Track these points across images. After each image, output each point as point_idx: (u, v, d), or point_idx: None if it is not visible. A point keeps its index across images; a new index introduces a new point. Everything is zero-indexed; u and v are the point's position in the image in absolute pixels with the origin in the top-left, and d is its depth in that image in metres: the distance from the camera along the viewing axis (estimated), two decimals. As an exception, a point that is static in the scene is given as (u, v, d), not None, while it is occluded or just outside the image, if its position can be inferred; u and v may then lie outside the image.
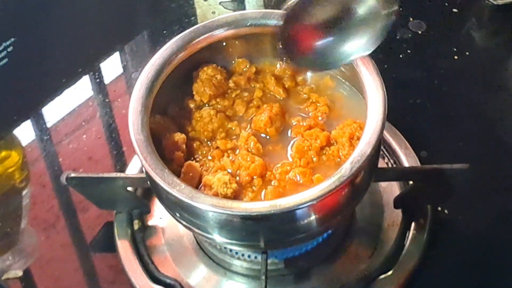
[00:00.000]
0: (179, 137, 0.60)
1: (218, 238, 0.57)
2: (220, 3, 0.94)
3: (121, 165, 0.76)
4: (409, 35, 0.87)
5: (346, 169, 0.53)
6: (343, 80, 0.64)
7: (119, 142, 0.79)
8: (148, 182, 0.60)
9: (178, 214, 0.58)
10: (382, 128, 0.55)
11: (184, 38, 0.63)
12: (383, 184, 0.71)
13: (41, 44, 0.89)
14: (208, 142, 0.62)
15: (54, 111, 0.83)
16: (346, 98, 0.64)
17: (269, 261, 0.64)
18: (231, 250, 0.66)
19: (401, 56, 0.85)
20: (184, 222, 0.59)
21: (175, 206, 0.58)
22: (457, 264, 0.66)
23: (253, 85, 0.65)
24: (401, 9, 0.92)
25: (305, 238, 0.59)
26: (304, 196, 0.52)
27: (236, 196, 0.57)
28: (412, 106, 0.80)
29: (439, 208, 0.69)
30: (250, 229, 0.55)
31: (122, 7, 0.95)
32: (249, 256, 0.65)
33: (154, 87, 0.61)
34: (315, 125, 0.61)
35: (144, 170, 0.58)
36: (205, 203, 0.53)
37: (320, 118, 0.62)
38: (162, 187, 0.54)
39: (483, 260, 0.66)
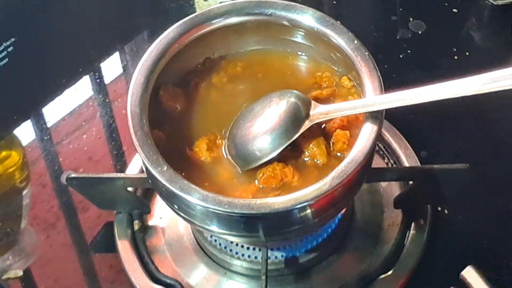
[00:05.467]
0: None
1: (216, 229, 0.57)
2: (220, 3, 0.94)
3: (121, 165, 0.76)
4: (409, 35, 0.87)
5: (340, 170, 0.52)
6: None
7: (119, 142, 0.79)
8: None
9: (176, 206, 0.58)
10: (379, 130, 0.55)
11: (195, 19, 0.63)
12: (383, 184, 0.71)
13: (41, 44, 0.89)
14: None
15: (54, 111, 0.83)
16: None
17: (269, 260, 0.64)
18: (231, 250, 0.66)
19: (401, 56, 0.85)
20: (180, 213, 0.58)
21: (170, 196, 0.57)
22: (457, 264, 0.66)
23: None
24: (401, 9, 0.92)
25: (303, 228, 0.58)
26: (298, 197, 0.52)
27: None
28: (412, 106, 0.79)
29: (439, 208, 0.69)
30: (247, 223, 0.55)
31: (122, 7, 0.95)
32: (249, 256, 0.65)
33: (160, 62, 0.60)
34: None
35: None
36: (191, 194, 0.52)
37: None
38: (146, 165, 0.54)
39: (483, 260, 0.66)
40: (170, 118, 0.61)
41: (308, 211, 0.54)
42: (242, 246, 0.66)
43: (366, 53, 0.59)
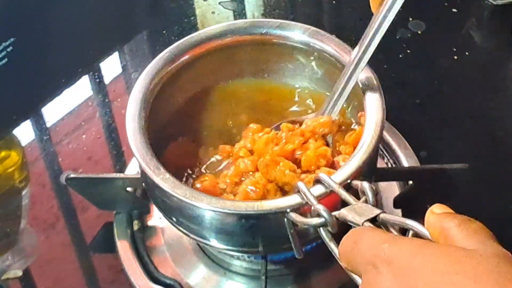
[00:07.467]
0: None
1: (216, 243, 0.57)
2: (219, 3, 0.94)
3: (121, 165, 0.76)
4: (409, 35, 0.87)
5: (343, 173, 0.53)
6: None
7: (118, 142, 0.79)
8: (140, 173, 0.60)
9: (174, 219, 0.58)
10: (381, 131, 0.55)
11: (184, 43, 0.64)
12: (383, 184, 0.71)
13: (41, 44, 0.89)
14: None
15: (53, 111, 0.83)
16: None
17: (268, 261, 0.63)
18: (230, 250, 0.66)
19: (401, 56, 0.85)
20: (179, 226, 0.59)
21: (168, 206, 0.57)
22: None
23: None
24: (400, 9, 0.92)
25: (305, 242, 0.59)
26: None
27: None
28: (412, 106, 0.80)
29: (439, 208, 0.69)
30: (246, 231, 0.55)
31: (122, 7, 0.95)
32: (248, 256, 0.65)
33: (158, 76, 0.61)
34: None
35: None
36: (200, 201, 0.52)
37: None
38: (150, 177, 0.54)
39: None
40: None
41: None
42: (242, 246, 0.66)
43: None
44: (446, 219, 0.39)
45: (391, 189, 0.71)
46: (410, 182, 0.68)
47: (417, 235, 0.41)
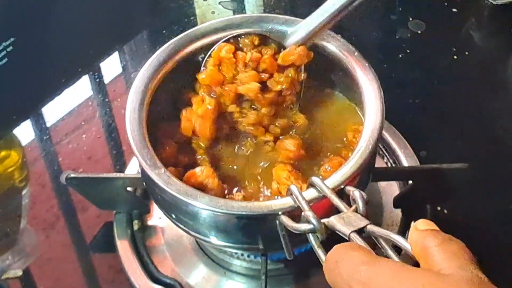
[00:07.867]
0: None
1: (215, 240, 0.57)
2: (219, 3, 0.95)
3: (121, 165, 0.76)
4: (409, 35, 0.87)
5: (337, 178, 0.53)
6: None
7: (118, 142, 0.79)
8: (142, 176, 0.60)
9: (173, 216, 0.58)
10: (379, 137, 0.55)
11: (188, 35, 0.63)
12: (382, 184, 0.71)
13: (41, 44, 0.89)
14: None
15: (53, 111, 0.83)
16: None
17: (268, 261, 0.64)
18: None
19: (400, 56, 0.85)
20: (180, 224, 0.58)
21: (166, 203, 0.57)
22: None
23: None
24: (400, 9, 0.92)
25: (298, 243, 0.59)
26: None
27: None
28: (411, 106, 0.80)
29: (439, 208, 0.69)
30: (240, 230, 0.55)
31: (122, 7, 0.95)
32: (248, 256, 0.65)
33: (156, 75, 0.61)
34: None
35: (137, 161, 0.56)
36: (199, 201, 0.52)
37: None
38: (157, 183, 0.53)
39: (482, 260, 0.65)
40: None
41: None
42: (242, 246, 0.66)
43: (367, 64, 0.59)
44: (428, 237, 0.40)
45: (391, 188, 0.71)
46: (410, 182, 0.68)
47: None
